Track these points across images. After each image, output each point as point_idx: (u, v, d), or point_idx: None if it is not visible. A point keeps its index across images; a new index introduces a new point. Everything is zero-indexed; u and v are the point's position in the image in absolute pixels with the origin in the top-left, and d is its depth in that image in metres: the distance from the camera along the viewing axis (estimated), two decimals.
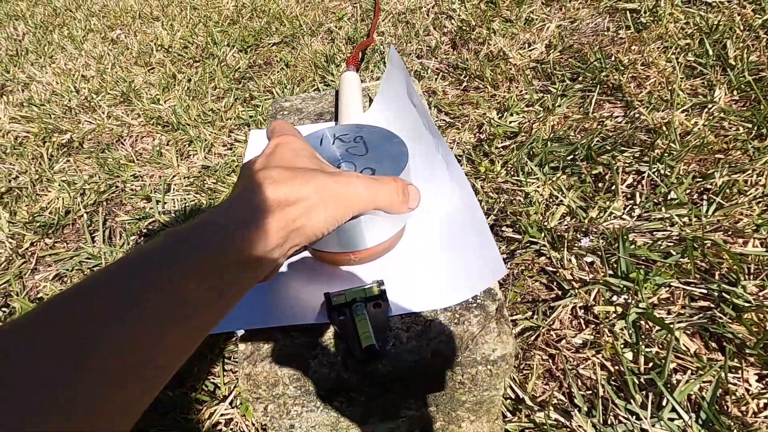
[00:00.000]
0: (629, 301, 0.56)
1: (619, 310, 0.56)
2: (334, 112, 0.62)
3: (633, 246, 0.61)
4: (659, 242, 0.61)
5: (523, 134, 0.83)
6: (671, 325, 0.52)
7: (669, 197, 0.67)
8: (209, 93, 1.15)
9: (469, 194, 0.41)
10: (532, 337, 0.56)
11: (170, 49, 1.41)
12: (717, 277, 0.56)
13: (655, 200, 0.67)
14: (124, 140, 1.06)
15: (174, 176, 0.92)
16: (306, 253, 0.42)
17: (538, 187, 0.73)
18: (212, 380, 0.60)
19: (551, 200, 0.71)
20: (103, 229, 0.83)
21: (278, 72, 1.19)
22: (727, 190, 0.65)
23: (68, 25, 1.75)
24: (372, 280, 0.38)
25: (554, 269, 0.62)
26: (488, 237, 0.37)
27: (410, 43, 1.19)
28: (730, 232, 0.61)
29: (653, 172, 0.70)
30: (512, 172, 0.77)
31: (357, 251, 0.38)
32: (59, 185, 0.95)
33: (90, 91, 1.27)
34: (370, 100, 0.62)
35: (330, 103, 0.64)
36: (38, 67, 1.46)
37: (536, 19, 1.17)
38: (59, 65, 1.45)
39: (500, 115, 0.89)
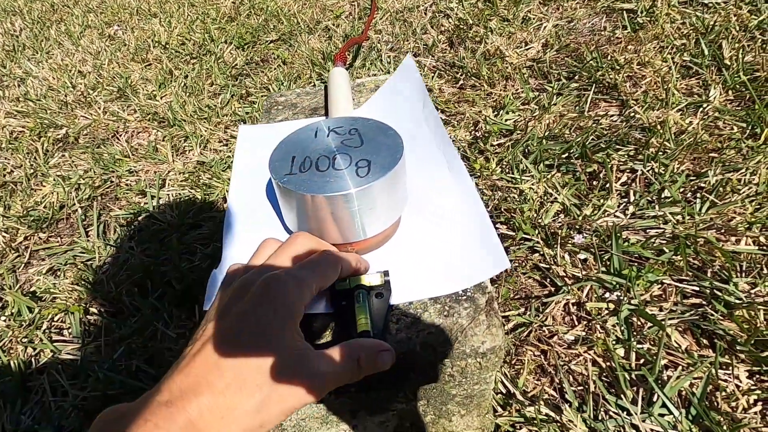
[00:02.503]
0: (621, 297, 0.56)
1: (612, 306, 0.56)
2: (324, 107, 0.62)
3: (626, 243, 0.61)
4: (652, 240, 0.61)
5: (518, 132, 0.83)
6: (663, 322, 0.52)
7: (663, 195, 0.67)
8: (206, 89, 1.15)
9: (469, 187, 0.41)
10: (524, 333, 0.56)
11: (167, 46, 1.41)
12: (709, 275, 0.57)
13: (648, 198, 0.67)
14: (120, 136, 1.06)
15: (169, 171, 0.92)
16: None
17: (532, 184, 0.73)
18: None
19: (546, 198, 0.71)
20: (97, 224, 0.83)
21: (275, 69, 1.19)
22: (721, 189, 0.65)
23: (65, 21, 1.75)
24: (377, 270, 0.38)
25: (547, 266, 0.62)
26: (490, 228, 0.38)
27: (407, 41, 1.19)
28: (723, 230, 0.61)
29: (647, 171, 0.71)
30: (507, 170, 0.77)
31: (355, 242, 0.39)
32: (54, 180, 0.95)
33: (86, 87, 1.26)
34: (363, 96, 0.62)
35: (324, 98, 0.64)
36: (35, 63, 1.45)
37: (533, 19, 1.17)
38: (56, 61, 1.44)
39: (496, 113, 0.89)
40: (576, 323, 0.56)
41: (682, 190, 0.68)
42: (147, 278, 0.70)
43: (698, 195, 0.66)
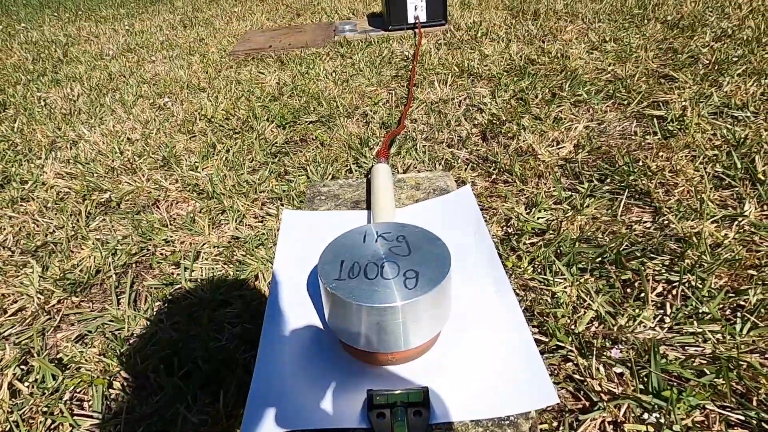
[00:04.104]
0: (662, 421, 0.54)
1: (651, 430, 0.53)
2: (366, 201, 0.64)
3: (664, 360, 0.59)
4: (692, 359, 0.59)
5: (551, 232, 0.84)
6: None
7: (701, 311, 0.66)
8: (246, 164, 1.20)
9: (517, 314, 0.42)
10: None
11: (212, 120, 1.49)
12: (755, 404, 0.54)
13: (686, 312, 0.66)
14: (160, 204, 1.10)
15: (204, 244, 0.94)
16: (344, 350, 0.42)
17: (565, 287, 0.73)
18: None
19: (579, 303, 0.70)
20: (129, 292, 0.84)
21: (313, 150, 1.24)
22: (762, 310, 0.64)
23: (120, 89, 1.87)
24: (416, 385, 0.38)
25: (582, 378, 0.60)
26: (538, 359, 0.38)
27: (442, 131, 1.24)
28: (766, 355, 0.59)
29: (684, 283, 0.70)
30: (539, 270, 0.77)
31: (395, 352, 0.39)
32: (93, 243, 0.98)
33: (133, 154, 1.33)
34: (404, 192, 0.64)
35: (365, 191, 0.66)
36: (88, 127, 1.55)
37: (565, 119, 1.21)
38: (107, 126, 1.53)
39: (528, 210, 0.90)
40: None
41: (721, 306, 0.66)
42: (174, 355, 0.69)
43: (739, 314, 0.65)
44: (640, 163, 0.99)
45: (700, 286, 0.69)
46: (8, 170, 1.32)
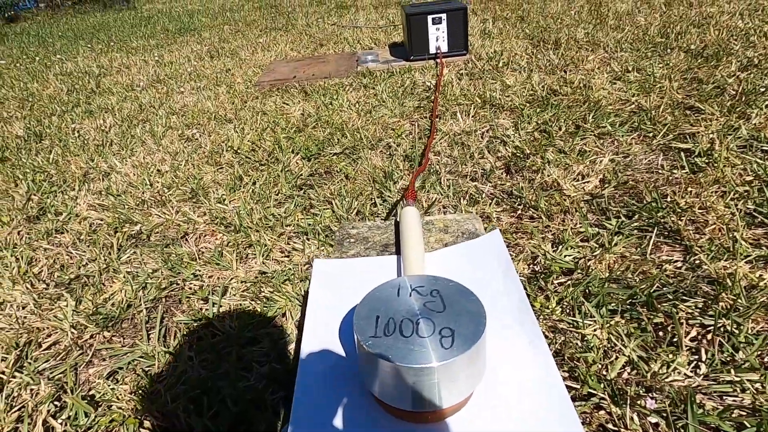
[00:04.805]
0: None
1: None
2: (395, 244, 0.64)
3: (701, 411, 0.58)
4: (730, 410, 0.58)
5: (579, 271, 0.83)
6: None
7: (738, 357, 0.64)
8: (272, 197, 1.22)
9: (551, 367, 0.41)
10: None
11: (239, 151, 1.53)
12: None
13: (722, 359, 0.65)
14: (189, 237, 1.12)
15: (231, 279, 0.96)
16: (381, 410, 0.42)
17: (595, 329, 0.72)
18: None
19: (610, 346, 0.69)
20: (159, 327, 0.86)
21: (338, 183, 1.26)
22: None
23: (150, 120, 1.93)
24: None
25: (616, 428, 0.59)
26: (572, 413, 0.37)
27: (465, 164, 1.25)
28: None
29: (719, 328, 0.68)
30: (568, 311, 0.76)
31: (429, 411, 0.39)
32: (124, 277, 1.00)
33: (163, 185, 1.37)
34: (432, 236, 0.64)
35: (394, 233, 0.67)
36: (119, 158, 1.60)
37: (589, 152, 1.21)
38: (138, 158, 1.58)
39: (555, 248, 0.90)
40: None
41: (759, 354, 0.65)
42: (203, 394, 0.70)
43: None
44: (669, 199, 0.98)
45: (736, 332, 0.67)
46: (44, 201, 1.36)
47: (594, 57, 1.94)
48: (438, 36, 2.14)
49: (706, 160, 1.10)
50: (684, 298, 0.74)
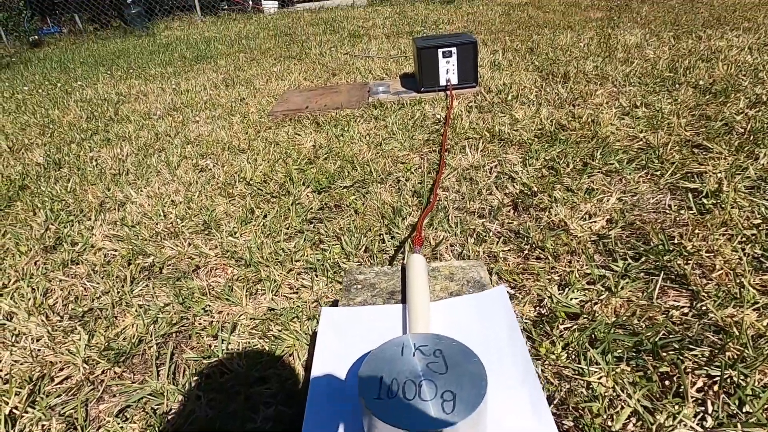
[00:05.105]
0: None
1: None
2: (401, 291, 0.66)
3: None
4: None
5: (585, 316, 0.83)
6: None
7: (744, 410, 0.64)
8: (282, 231, 1.25)
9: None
10: None
11: (251, 183, 1.56)
12: None
13: (729, 412, 0.64)
14: (200, 270, 1.14)
15: (241, 315, 0.97)
16: None
17: (601, 377, 0.72)
18: None
19: (615, 396, 0.69)
20: (169, 364, 0.87)
21: (347, 217, 1.28)
22: None
23: (166, 150, 1.98)
24: None
25: None
26: None
27: (473, 201, 1.26)
28: None
29: (725, 379, 0.68)
30: (573, 357, 0.76)
31: None
32: (136, 311, 1.02)
33: (176, 217, 1.40)
34: (438, 284, 0.66)
35: (400, 280, 0.68)
36: (135, 188, 1.63)
37: (597, 190, 1.22)
38: (153, 188, 1.62)
39: (561, 290, 0.90)
40: None
41: (766, 407, 0.64)
42: None
43: None
44: (675, 242, 0.98)
45: (743, 383, 0.67)
46: (61, 231, 1.40)
47: (602, 91, 1.96)
48: (448, 68, 2.18)
49: (714, 201, 1.10)
50: (690, 346, 0.74)
